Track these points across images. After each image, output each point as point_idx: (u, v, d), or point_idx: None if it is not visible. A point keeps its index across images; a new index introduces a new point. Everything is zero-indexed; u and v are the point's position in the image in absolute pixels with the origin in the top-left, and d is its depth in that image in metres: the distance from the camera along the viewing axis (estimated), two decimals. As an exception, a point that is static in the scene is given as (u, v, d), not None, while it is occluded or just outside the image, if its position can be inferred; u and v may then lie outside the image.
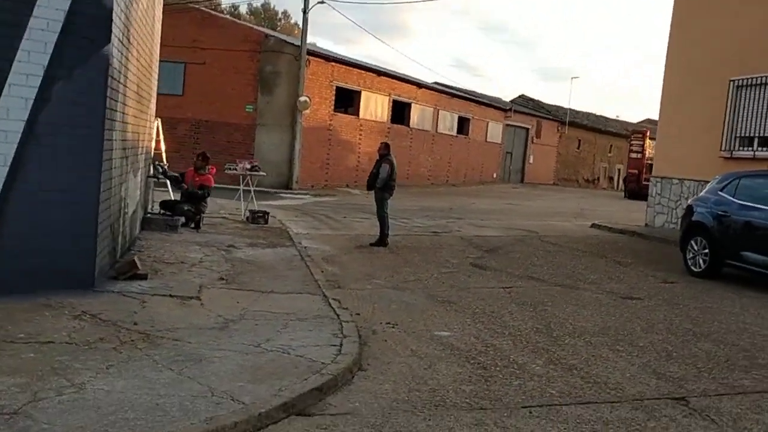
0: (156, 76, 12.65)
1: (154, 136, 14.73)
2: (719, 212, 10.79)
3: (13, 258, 6.59)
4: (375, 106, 34.32)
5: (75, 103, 6.80)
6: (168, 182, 13.59)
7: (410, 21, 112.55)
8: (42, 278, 6.75)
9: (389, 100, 35.21)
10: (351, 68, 32.67)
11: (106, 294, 7.08)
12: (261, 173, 16.20)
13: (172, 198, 13.18)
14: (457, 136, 42.23)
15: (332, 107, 31.23)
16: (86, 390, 4.58)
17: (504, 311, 8.07)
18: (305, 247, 12.23)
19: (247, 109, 28.87)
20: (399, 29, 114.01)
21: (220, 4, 71.71)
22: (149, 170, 12.47)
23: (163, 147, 15.27)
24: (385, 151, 13.26)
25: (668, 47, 18.27)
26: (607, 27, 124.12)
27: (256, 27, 33.77)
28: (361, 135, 33.17)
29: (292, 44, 29.19)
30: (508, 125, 48.47)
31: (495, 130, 46.87)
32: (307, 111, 28.82)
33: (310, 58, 29.23)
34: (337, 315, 7.14)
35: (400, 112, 36.57)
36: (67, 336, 5.67)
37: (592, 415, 4.90)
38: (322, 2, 29.23)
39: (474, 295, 8.91)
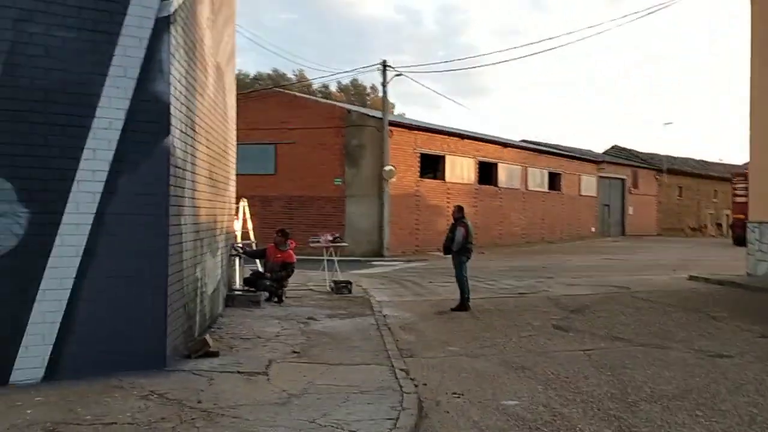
0: (233, 161, 13.21)
1: (241, 216, 15.32)
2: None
3: (87, 342, 6.93)
4: (461, 168, 34.44)
5: (140, 194, 7.19)
6: (258, 260, 14.01)
7: (501, 81, 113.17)
8: (116, 360, 7.04)
9: (475, 162, 35.27)
10: (434, 134, 33.09)
11: (177, 373, 7.29)
12: (343, 244, 16.49)
13: (260, 270, 13.51)
14: (548, 192, 41.64)
15: (418, 173, 31.57)
16: (137, 473, 4.69)
17: (579, 376, 7.75)
18: (385, 315, 12.24)
19: (336, 182, 29.60)
20: (487, 90, 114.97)
21: (311, 85, 74.72)
22: (230, 250, 12.88)
23: (249, 225, 15.84)
24: (459, 215, 13.21)
25: (751, 77, 17.52)
26: (697, 68, 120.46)
27: (339, 104, 34.82)
28: (449, 198, 33.21)
29: (375, 117, 29.92)
30: (602, 177, 47.42)
31: (589, 183, 45.93)
32: (393, 179, 29.24)
33: (393, 128, 29.83)
34: (401, 386, 7.05)
35: (486, 172, 36.52)
36: (130, 417, 5.85)
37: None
38: (399, 75, 29.93)
39: (551, 360, 8.61)
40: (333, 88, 79.58)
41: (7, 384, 6.59)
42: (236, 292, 12.59)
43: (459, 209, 13.41)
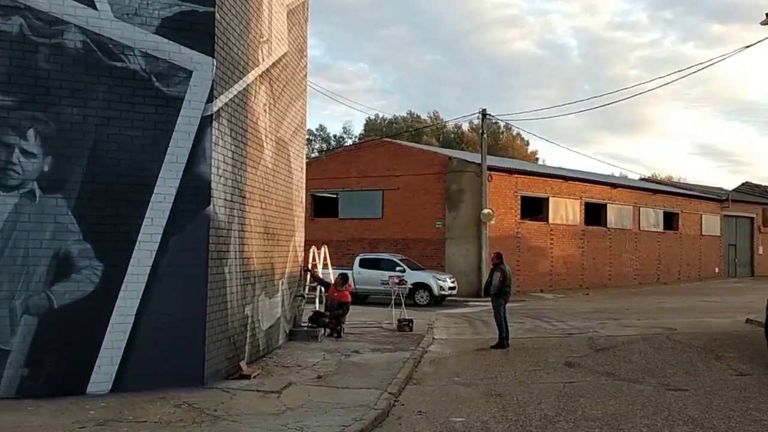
0: (300, 214, 15.43)
1: (320, 260, 17.58)
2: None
3: (144, 363, 9.24)
4: (565, 210, 35.22)
5: (185, 250, 9.51)
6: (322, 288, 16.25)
7: (648, 115, 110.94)
8: (165, 378, 9.30)
9: (581, 203, 35.91)
10: (536, 177, 34.25)
11: (210, 390, 9.45)
12: (407, 286, 18.29)
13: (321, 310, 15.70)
14: (664, 232, 41.23)
15: (519, 216, 32.79)
16: (141, 450, 6.82)
17: (536, 402, 9.15)
18: (427, 351, 13.94)
19: (437, 225, 31.55)
20: (638, 124, 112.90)
21: (445, 126, 77.15)
22: (298, 291, 15.09)
23: (330, 269, 18.06)
24: (497, 261, 14.72)
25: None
26: None
27: (440, 151, 36.82)
28: (552, 240, 34.13)
29: (474, 162, 31.61)
30: (727, 216, 46.13)
31: (711, 223, 44.87)
32: (492, 222, 30.68)
33: (492, 173, 31.36)
34: (375, 405, 8.81)
35: (595, 213, 36.98)
36: (159, 418, 8.03)
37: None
38: (496, 123, 31.45)
39: (528, 390, 10.03)
40: (465, 127, 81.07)
41: (85, 393, 9.00)
42: (300, 328, 14.73)
43: (497, 256, 14.92)
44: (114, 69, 9.43)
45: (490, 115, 32.49)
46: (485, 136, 32.07)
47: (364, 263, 26.65)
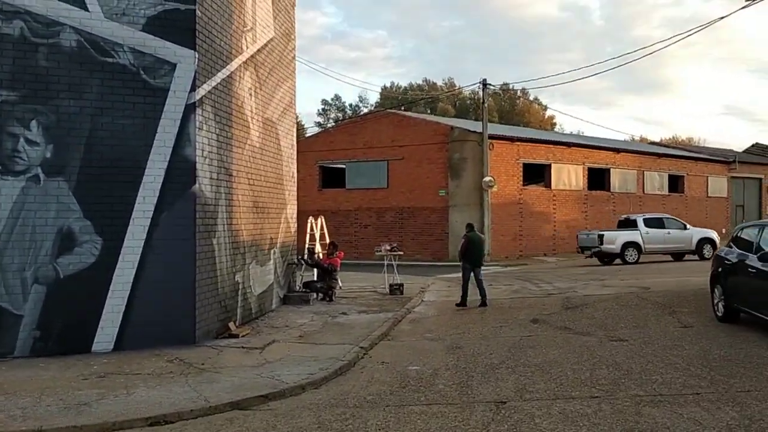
0: (291, 188, 16.56)
1: (317, 231, 18.77)
2: (726, 261, 11.70)
3: (140, 326, 10.47)
4: (568, 176, 36.00)
5: (175, 225, 10.67)
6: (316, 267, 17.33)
7: (670, 75, 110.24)
8: (160, 338, 10.52)
9: (584, 168, 36.66)
10: (538, 144, 35.06)
11: (200, 347, 10.66)
12: (398, 253, 19.41)
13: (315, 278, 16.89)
14: (669, 195, 41.82)
15: (521, 182, 33.69)
16: (132, 395, 8.04)
17: (488, 353, 10.24)
18: (411, 312, 15.09)
19: (440, 194, 32.57)
20: (661, 86, 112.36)
21: (461, 93, 77.48)
22: (290, 259, 16.26)
23: (327, 239, 19.22)
24: (467, 230, 15.92)
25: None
26: None
27: (443, 121, 37.62)
28: (555, 205, 35.00)
29: (475, 132, 32.49)
30: (734, 177, 46.52)
31: (717, 184, 45.33)
32: (494, 188, 31.62)
33: (494, 141, 32.25)
34: (343, 357, 9.96)
35: (598, 178, 37.71)
36: (152, 370, 9.25)
37: (422, 410, 7.25)
38: (498, 92, 32.15)
39: (486, 343, 11.12)
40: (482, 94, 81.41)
41: (90, 351, 10.26)
42: (293, 293, 15.93)
43: (467, 226, 16.14)
44: (106, 64, 10.52)
45: (490, 84, 33.22)
46: (486, 105, 32.94)
47: (648, 223, 27.99)
